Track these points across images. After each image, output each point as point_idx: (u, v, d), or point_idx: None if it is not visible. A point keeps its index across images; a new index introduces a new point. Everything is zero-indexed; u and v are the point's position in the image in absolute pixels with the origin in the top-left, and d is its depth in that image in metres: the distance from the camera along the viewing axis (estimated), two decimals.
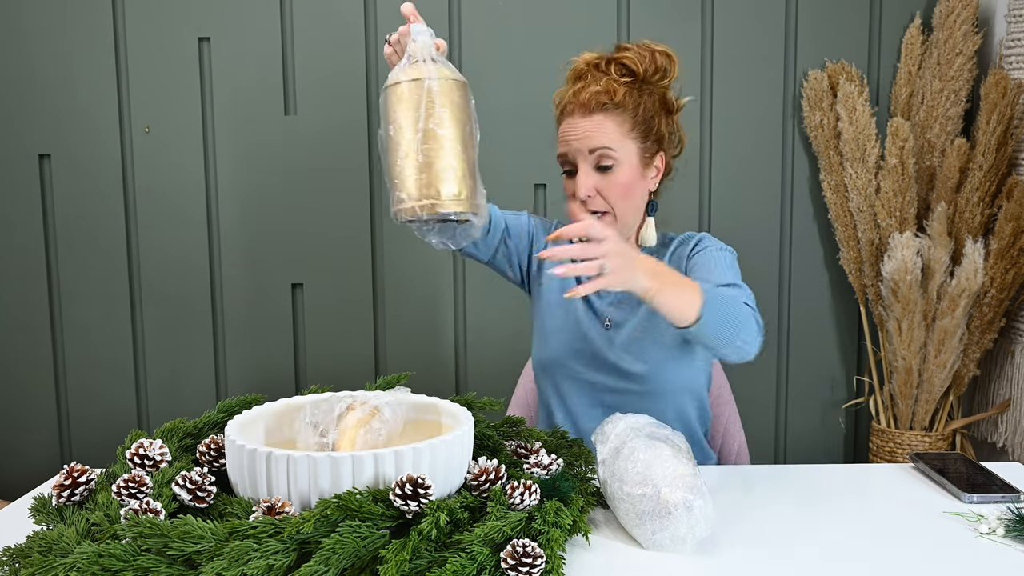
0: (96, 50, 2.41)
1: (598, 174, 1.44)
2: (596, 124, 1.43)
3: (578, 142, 1.44)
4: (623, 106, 1.43)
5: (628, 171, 1.45)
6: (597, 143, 1.43)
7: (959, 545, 1.11)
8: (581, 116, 1.44)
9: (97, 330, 2.50)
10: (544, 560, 0.96)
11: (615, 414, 1.26)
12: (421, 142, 1.19)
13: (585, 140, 1.43)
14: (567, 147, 1.45)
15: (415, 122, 1.20)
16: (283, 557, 0.92)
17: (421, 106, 1.20)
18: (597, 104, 1.43)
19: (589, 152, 1.43)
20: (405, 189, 1.19)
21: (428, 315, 2.49)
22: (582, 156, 1.44)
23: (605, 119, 1.43)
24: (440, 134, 1.20)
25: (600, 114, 1.43)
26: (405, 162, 1.19)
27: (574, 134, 1.44)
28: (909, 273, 2.16)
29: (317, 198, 2.45)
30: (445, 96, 1.22)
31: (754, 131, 2.43)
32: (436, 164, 1.19)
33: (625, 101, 1.43)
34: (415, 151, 1.19)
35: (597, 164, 1.44)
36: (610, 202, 1.44)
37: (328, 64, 2.41)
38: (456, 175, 1.20)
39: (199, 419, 1.26)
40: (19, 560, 0.96)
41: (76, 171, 2.45)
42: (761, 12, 2.39)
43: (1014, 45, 2.23)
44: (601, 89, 1.43)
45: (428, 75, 1.21)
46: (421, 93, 1.20)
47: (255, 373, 2.51)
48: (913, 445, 2.28)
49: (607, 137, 1.43)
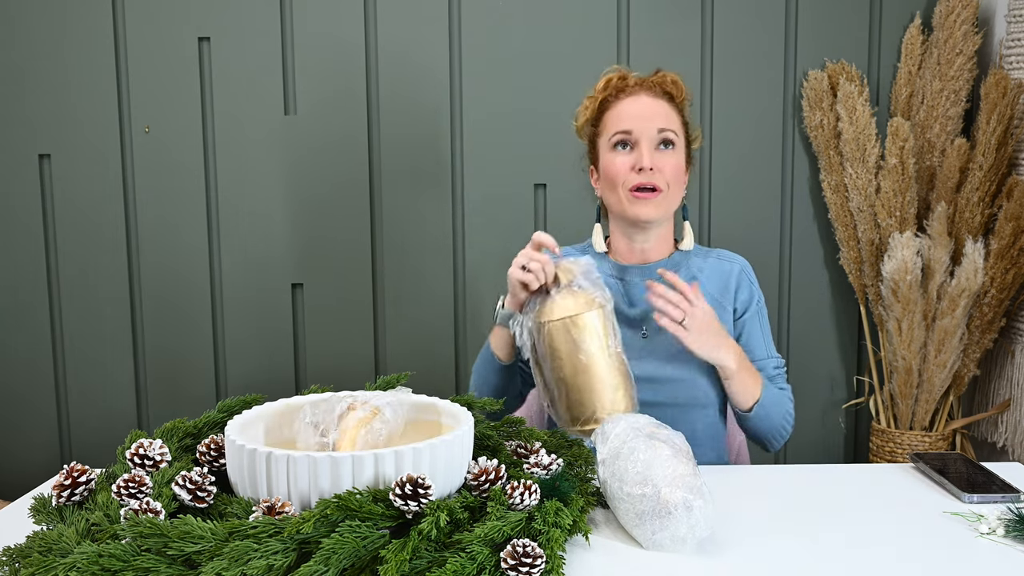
0: (96, 50, 2.41)
1: (659, 152, 1.48)
2: (664, 108, 1.50)
3: (646, 120, 1.48)
4: (681, 108, 1.54)
5: (681, 156, 1.51)
6: (665, 124, 1.49)
7: (959, 545, 1.11)
8: (649, 96, 1.51)
9: (97, 330, 2.50)
10: (544, 560, 0.96)
11: (615, 414, 1.26)
12: (614, 364, 1.31)
13: (654, 119, 1.49)
14: (633, 124, 1.49)
15: (604, 348, 1.31)
16: (283, 557, 0.92)
17: (603, 335, 1.31)
18: (663, 92, 1.52)
19: (658, 131, 1.48)
20: (611, 408, 1.31)
21: (428, 315, 2.49)
22: (648, 132, 1.48)
23: (670, 107, 1.52)
24: (620, 351, 1.33)
25: (665, 101, 1.52)
26: (603, 385, 1.31)
27: (642, 112, 1.49)
28: (909, 273, 2.15)
29: (317, 198, 2.45)
30: (613, 319, 1.34)
31: (754, 131, 2.43)
32: (629, 378, 1.33)
33: (682, 103, 1.55)
34: (610, 373, 1.31)
35: (660, 142, 1.48)
36: (667, 179, 1.48)
37: (328, 64, 2.41)
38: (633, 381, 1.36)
39: (199, 419, 1.26)
40: (19, 560, 0.96)
41: (76, 171, 2.45)
42: (761, 12, 2.39)
43: (1014, 45, 2.23)
44: (671, 81, 1.54)
45: (602, 302, 1.32)
46: (602, 321, 1.31)
47: (255, 373, 2.51)
48: (913, 445, 2.28)
49: (672, 121, 1.51)
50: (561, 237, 2.42)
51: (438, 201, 2.46)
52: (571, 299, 1.30)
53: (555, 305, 1.30)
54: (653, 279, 1.48)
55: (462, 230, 2.47)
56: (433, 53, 2.41)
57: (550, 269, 1.34)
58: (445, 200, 2.46)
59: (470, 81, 2.41)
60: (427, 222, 2.46)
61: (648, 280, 1.45)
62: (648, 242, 1.52)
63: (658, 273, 1.46)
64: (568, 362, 1.30)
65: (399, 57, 2.41)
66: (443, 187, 2.45)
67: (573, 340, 1.29)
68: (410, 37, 2.40)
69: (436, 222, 2.46)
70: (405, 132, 2.43)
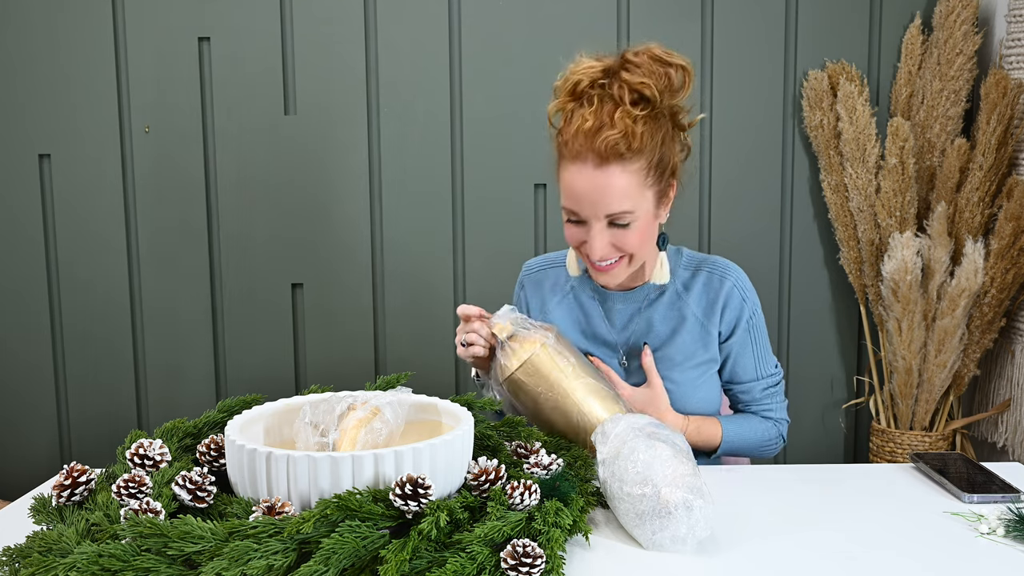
0: (96, 50, 2.41)
1: (613, 230, 1.32)
2: (613, 179, 1.27)
3: (592, 205, 1.29)
4: (642, 151, 1.27)
5: (644, 222, 1.33)
6: (615, 208, 1.29)
7: (959, 545, 1.11)
8: (595, 166, 1.27)
9: (97, 330, 2.50)
10: (544, 560, 0.96)
11: (615, 414, 1.26)
12: (583, 385, 1.33)
13: (600, 204, 1.28)
14: (577, 205, 1.30)
15: (565, 376, 1.33)
16: (283, 557, 0.92)
17: (559, 364, 1.33)
18: (615, 154, 1.26)
19: (606, 216, 1.30)
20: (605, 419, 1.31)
21: (428, 315, 2.49)
22: (596, 218, 1.30)
23: (623, 172, 1.27)
24: (590, 373, 1.35)
25: (617, 165, 1.27)
26: (586, 404, 1.33)
27: (586, 191, 1.28)
28: (909, 273, 2.15)
29: (317, 198, 2.45)
30: (563, 344, 1.37)
31: (754, 131, 2.43)
32: (605, 398, 1.34)
33: (643, 144, 1.27)
34: (584, 393, 1.33)
35: (612, 223, 1.32)
36: (628, 252, 1.36)
37: (328, 64, 2.41)
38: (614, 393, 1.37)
39: (199, 419, 1.26)
40: (19, 560, 0.96)
41: (76, 171, 2.45)
42: (761, 12, 2.39)
43: (1014, 45, 2.23)
44: (619, 134, 1.25)
45: (542, 339, 1.34)
46: (550, 355, 1.34)
47: (255, 373, 2.51)
48: (913, 445, 2.28)
49: (625, 198, 1.28)
50: (561, 237, 2.44)
51: (438, 201, 2.46)
52: (514, 352, 1.35)
53: (504, 362, 1.36)
54: (636, 303, 1.48)
55: (462, 230, 2.47)
56: (433, 53, 2.41)
57: (485, 332, 1.38)
58: (445, 200, 2.46)
59: (470, 81, 2.41)
60: (427, 222, 2.46)
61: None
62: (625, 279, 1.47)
63: (644, 347, 1.45)
64: (543, 403, 1.34)
65: (399, 57, 2.41)
66: (443, 187, 2.45)
67: (535, 384, 1.34)
68: (410, 37, 2.40)
69: (436, 222, 2.46)
70: (405, 132, 2.43)
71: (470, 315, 1.39)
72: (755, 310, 1.51)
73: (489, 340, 1.38)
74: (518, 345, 1.35)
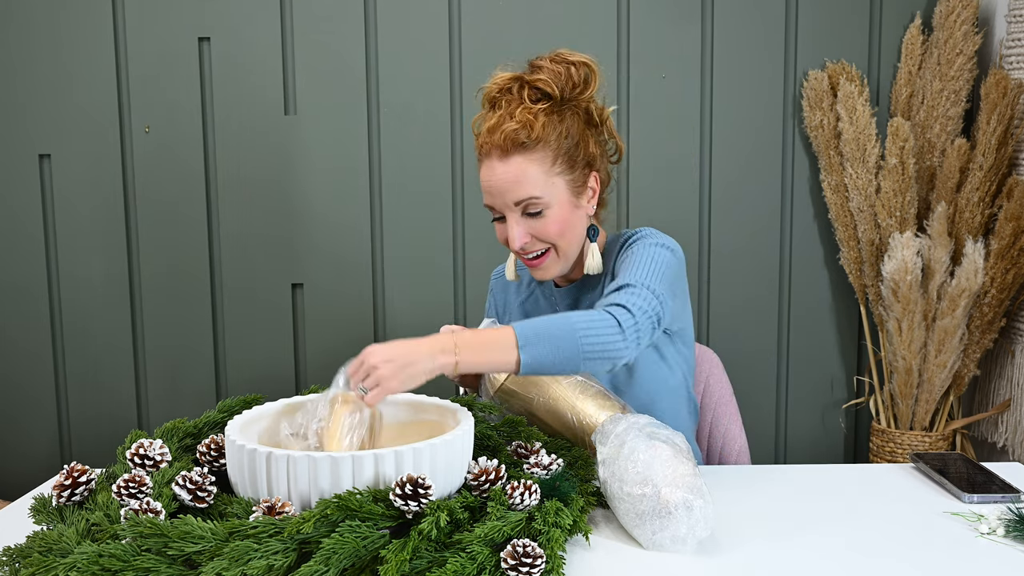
0: (96, 50, 2.41)
1: (529, 219, 1.36)
2: (517, 169, 1.33)
3: (501, 194, 1.35)
4: (543, 140, 1.33)
5: (559, 210, 1.37)
6: (520, 194, 1.34)
7: (959, 545, 1.11)
8: (499, 159, 1.34)
9: (97, 330, 2.50)
10: (544, 560, 0.96)
11: (615, 414, 1.26)
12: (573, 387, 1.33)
13: (508, 193, 1.34)
14: (490, 198, 1.37)
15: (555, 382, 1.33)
16: (283, 557, 0.92)
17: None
18: (514, 144, 1.32)
19: (515, 204, 1.35)
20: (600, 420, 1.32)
21: (428, 315, 2.49)
22: (508, 208, 1.36)
23: (525, 161, 1.33)
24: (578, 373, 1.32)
25: (519, 155, 1.33)
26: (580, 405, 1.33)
27: (495, 183, 1.35)
28: (909, 273, 2.16)
29: (317, 198, 2.45)
30: None
31: (754, 131, 2.43)
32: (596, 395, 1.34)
33: (544, 133, 1.33)
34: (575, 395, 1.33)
35: (525, 211, 1.36)
36: (549, 241, 1.38)
37: (328, 64, 2.41)
38: None
39: (199, 419, 1.26)
40: (19, 560, 0.96)
41: (76, 171, 2.45)
42: (761, 12, 2.39)
43: (1014, 45, 2.23)
44: (517, 124, 1.32)
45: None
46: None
47: (255, 373, 2.51)
48: (913, 445, 2.28)
49: (531, 184, 1.34)
50: None
51: (438, 201, 2.46)
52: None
53: (492, 377, 1.36)
54: (588, 292, 1.48)
55: (462, 230, 2.47)
56: (433, 53, 2.41)
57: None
58: (445, 200, 2.46)
59: (470, 81, 2.41)
60: (427, 222, 2.46)
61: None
62: (566, 271, 1.48)
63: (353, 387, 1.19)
64: (536, 408, 1.35)
65: (399, 57, 2.41)
66: (443, 187, 2.45)
67: (526, 391, 1.34)
68: (410, 37, 2.40)
69: (436, 222, 2.46)
70: (405, 132, 2.43)
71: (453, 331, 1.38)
72: (644, 237, 1.41)
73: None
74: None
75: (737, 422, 1.73)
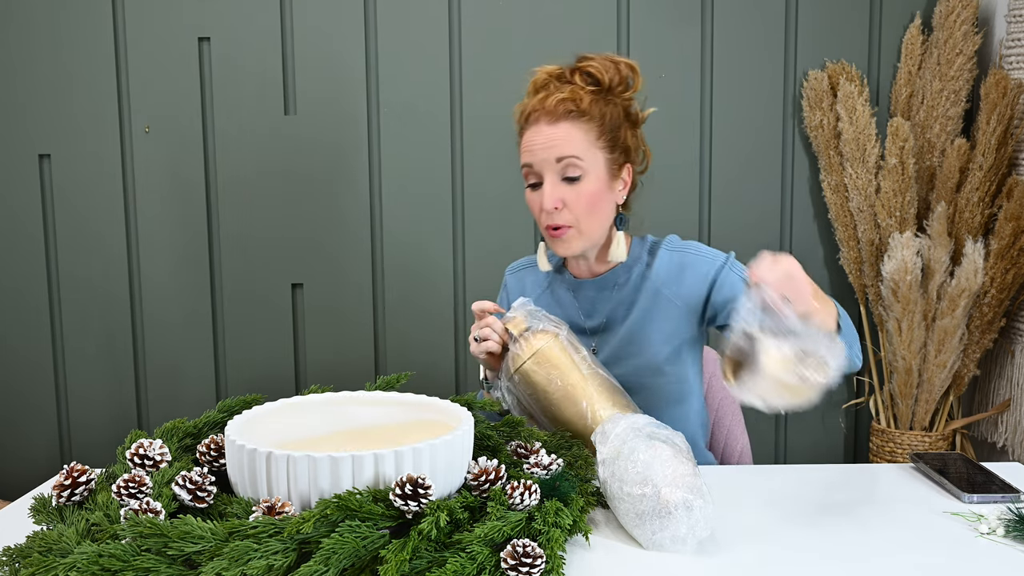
0: (96, 50, 2.41)
1: (564, 185, 1.40)
2: (563, 132, 1.39)
3: (544, 151, 1.39)
4: (589, 114, 1.40)
5: (595, 181, 1.40)
6: (564, 151, 1.38)
7: (959, 545, 1.11)
8: (547, 124, 1.40)
9: (97, 330, 2.50)
10: (544, 560, 0.96)
11: (615, 414, 1.26)
12: (593, 380, 1.34)
13: (552, 149, 1.39)
14: (532, 156, 1.41)
15: (575, 368, 1.34)
16: (283, 557, 0.92)
17: (571, 356, 1.35)
18: (564, 111, 1.39)
19: (556, 161, 1.39)
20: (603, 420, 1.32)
21: (428, 315, 2.49)
22: (548, 166, 1.39)
23: (572, 127, 1.39)
24: (600, 369, 1.36)
25: (567, 122, 1.39)
26: (591, 400, 1.34)
27: (540, 142, 1.40)
28: (909, 273, 2.15)
29: (317, 198, 2.45)
30: (575, 340, 1.39)
31: (754, 131, 2.43)
32: (614, 392, 1.35)
33: (591, 109, 1.40)
34: (592, 388, 1.34)
35: (564, 174, 1.39)
36: (576, 214, 1.40)
37: (328, 64, 2.41)
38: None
39: (199, 419, 1.26)
40: (19, 560, 0.96)
41: (76, 171, 2.45)
42: (761, 12, 2.39)
43: (1014, 45, 2.23)
44: (567, 96, 1.39)
45: (555, 331, 1.37)
46: (562, 346, 1.36)
47: (255, 373, 2.51)
48: (913, 445, 2.28)
49: (574, 145, 1.39)
50: None
51: (438, 201, 2.46)
52: (527, 343, 1.36)
53: (516, 354, 1.36)
54: (607, 291, 1.49)
55: (462, 230, 2.47)
56: (433, 53, 2.41)
57: (499, 327, 1.39)
58: (445, 200, 2.46)
59: (470, 81, 2.41)
60: (427, 222, 2.46)
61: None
62: (589, 260, 1.50)
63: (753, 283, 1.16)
64: (550, 396, 1.35)
65: (399, 57, 2.41)
66: (443, 187, 2.45)
67: (544, 376, 1.34)
68: (410, 37, 2.40)
69: (436, 222, 2.46)
70: (405, 132, 2.43)
71: (485, 309, 1.41)
72: (724, 261, 1.46)
73: (503, 336, 1.39)
74: (529, 340, 1.36)
75: (739, 422, 1.73)
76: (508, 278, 1.65)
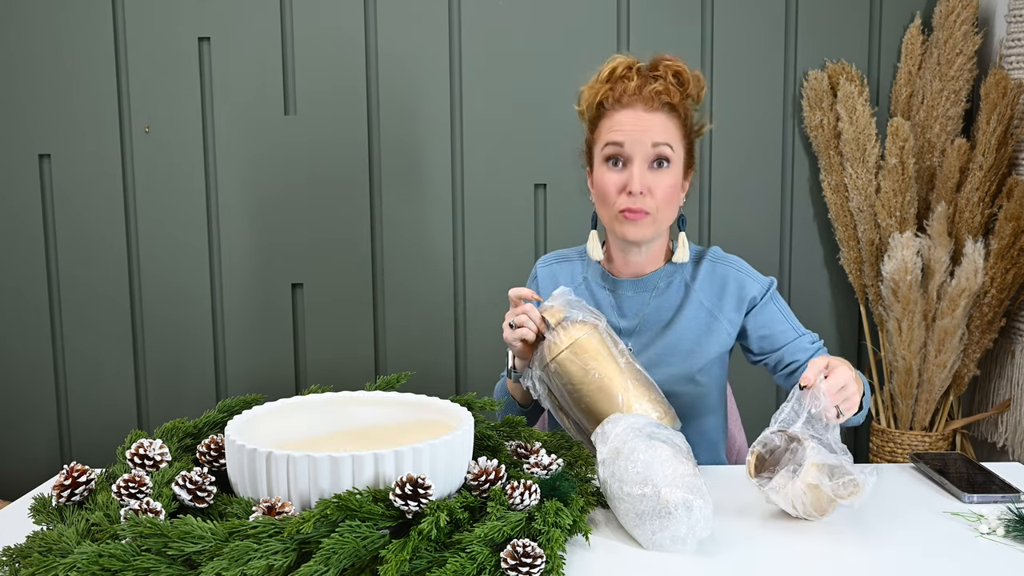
0: (96, 50, 2.41)
1: (650, 172, 1.43)
2: (659, 120, 1.43)
3: (642, 133, 1.42)
4: (679, 111, 1.44)
5: (677, 175, 1.45)
6: (661, 137, 1.42)
7: (959, 545, 1.11)
8: (645, 110, 1.42)
9: (97, 330, 2.50)
10: (544, 560, 0.96)
11: (615, 414, 1.26)
12: (629, 374, 1.32)
13: (650, 133, 1.42)
14: (626, 136, 1.42)
15: (612, 360, 1.33)
16: (283, 557, 0.92)
17: (609, 348, 1.34)
18: (660, 103, 1.43)
19: (652, 146, 1.42)
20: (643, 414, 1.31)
21: (428, 315, 2.49)
22: (641, 148, 1.42)
23: (667, 118, 1.43)
24: (632, 362, 1.35)
25: (663, 113, 1.43)
26: (627, 395, 1.31)
27: (639, 125, 1.42)
28: (909, 273, 2.16)
29: (317, 198, 2.45)
30: (612, 333, 1.37)
31: (754, 131, 2.43)
32: (650, 388, 1.34)
33: (680, 106, 1.45)
34: (628, 382, 1.32)
35: (654, 159, 1.43)
36: (657, 202, 1.43)
37: (328, 64, 2.41)
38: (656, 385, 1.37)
39: (199, 419, 1.26)
40: (19, 560, 0.96)
41: (76, 171, 2.45)
42: (761, 12, 2.39)
43: (1014, 45, 2.23)
44: (661, 89, 1.42)
45: (596, 320, 1.36)
46: (600, 338, 1.34)
47: (255, 373, 2.51)
48: (913, 445, 2.28)
49: (670, 134, 1.43)
50: (561, 237, 2.44)
51: (438, 201, 2.46)
52: (565, 332, 1.34)
53: (553, 343, 1.34)
54: (646, 293, 1.50)
55: (462, 230, 2.47)
56: (433, 53, 2.41)
57: (535, 315, 1.37)
58: (445, 200, 2.46)
59: (470, 81, 2.41)
60: (427, 222, 2.46)
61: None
62: (642, 256, 1.50)
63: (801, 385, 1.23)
64: (584, 387, 1.32)
65: (399, 57, 2.41)
66: (443, 187, 2.45)
67: (580, 366, 1.32)
68: (410, 37, 2.40)
69: (436, 222, 2.46)
70: (405, 132, 2.43)
71: (522, 296, 1.39)
72: (768, 287, 1.53)
73: (538, 324, 1.37)
74: (567, 329, 1.34)
75: (736, 422, 1.73)
76: (539, 270, 1.63)
